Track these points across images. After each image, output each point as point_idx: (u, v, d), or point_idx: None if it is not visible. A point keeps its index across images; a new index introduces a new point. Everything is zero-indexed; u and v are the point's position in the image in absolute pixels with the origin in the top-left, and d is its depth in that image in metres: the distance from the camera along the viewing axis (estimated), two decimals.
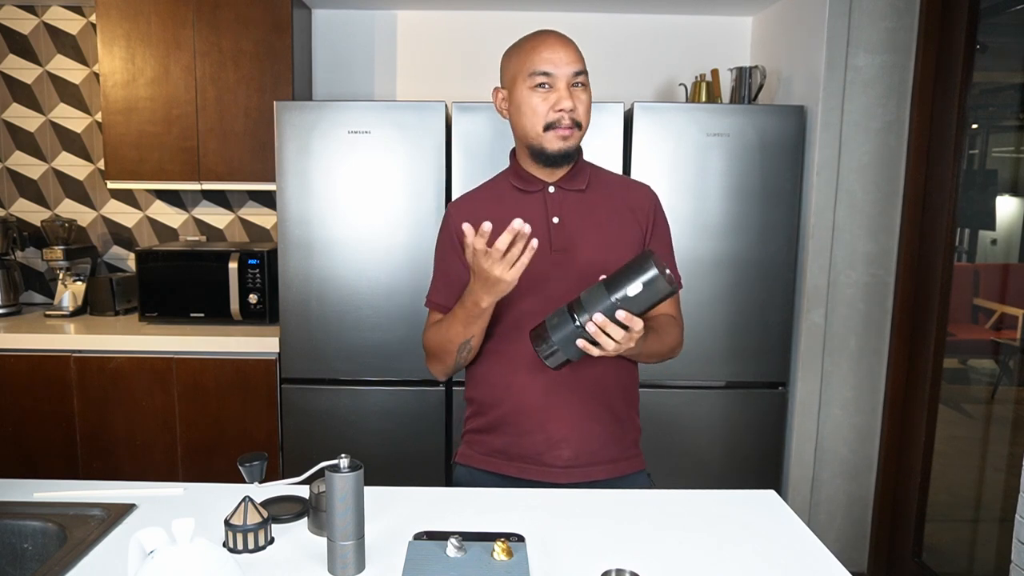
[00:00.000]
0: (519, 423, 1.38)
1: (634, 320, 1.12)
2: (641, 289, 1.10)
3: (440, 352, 1.40)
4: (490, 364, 1.41)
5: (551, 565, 1.06)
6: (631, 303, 1.11)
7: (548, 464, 1.38)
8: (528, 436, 1.38)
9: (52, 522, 1.17)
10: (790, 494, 2.62)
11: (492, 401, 1.42)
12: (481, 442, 1.45)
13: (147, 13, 2.67)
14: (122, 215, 3.14)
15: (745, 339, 2.52)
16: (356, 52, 3.06)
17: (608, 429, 1.40)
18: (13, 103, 3.08)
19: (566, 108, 1.31)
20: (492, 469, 1.43)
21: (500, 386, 1.40)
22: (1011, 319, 2.40)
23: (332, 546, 1.02)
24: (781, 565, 1.09)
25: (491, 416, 1.42)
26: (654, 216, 1.43)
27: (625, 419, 1.43)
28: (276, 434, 2.58)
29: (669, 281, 1.10)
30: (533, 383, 1.36)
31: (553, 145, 1.34)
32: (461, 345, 1.35)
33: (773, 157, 2.45)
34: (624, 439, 1.43)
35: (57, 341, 2.57)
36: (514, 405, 1.38)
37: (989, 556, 2.37)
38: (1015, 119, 2.45)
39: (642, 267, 1.10)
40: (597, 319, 1.12)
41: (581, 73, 1.33)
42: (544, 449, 1.37)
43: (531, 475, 1.39)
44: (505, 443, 1.41)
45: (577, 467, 1.38)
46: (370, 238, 2.48)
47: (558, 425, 1.36)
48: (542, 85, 1.33)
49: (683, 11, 3.00)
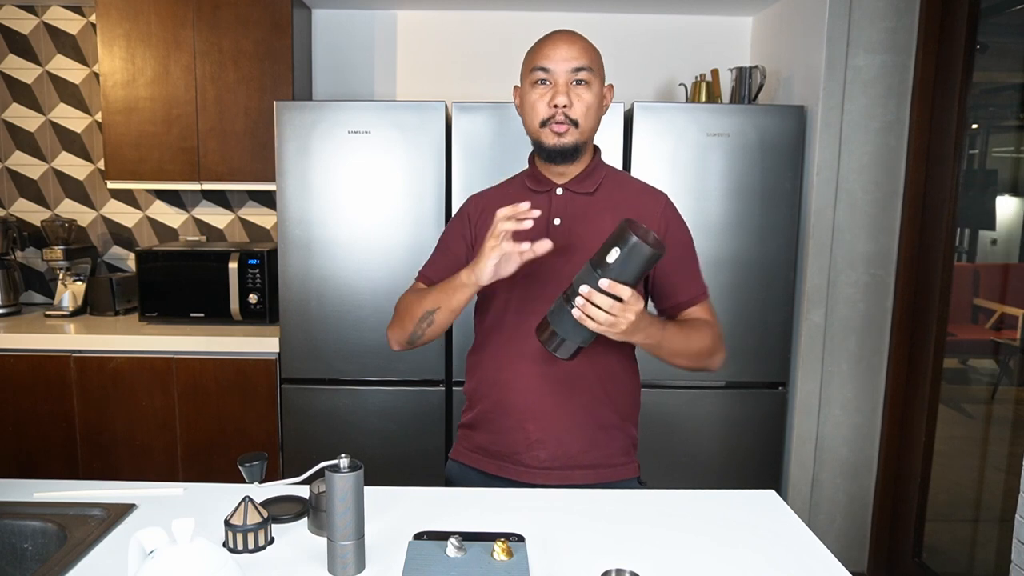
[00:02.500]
0: (500, 420, 1.39)
1: (619, 287, 1.10)
2: (619, 254, 1.09)
3: (403, 315, 1.41)
4: (482, 356, 1.43)
5: (551, 565, 1.06)
6: (615, 271, 1.10)
7: (525, 464, 1.38)
8: (507, 434, 1.38)
9: (52, 522, 1.17)
10: (790, 494, 2.62)
11: (478, 396, 1.43)
12: (467, 437, 1.47)
13: (147, 13, 2.67)
14: (122, 215, 3.14)
15: (745, 339, 2.52)
16: (356, 52, 3.06)
17: (588, 435, 1.38)
18: (13, 103, 3.08)
19: (559, 104, 1.31)
20: (474, 465, 1.44)
21: (487, 381, 1.41)
22: (1011, 319, 2.40)
23: (332, 546, 1.02)
24: (781, 565, 1.08)
25: (477, 411, 1.44)
26: (666, 224, 1.40)
27: (612, 427, 1.41)
28: (276, 434, 2.58)
29: (652, 244, 1.08)
30: (518, 381, 1.37)
31: (548, 140, 1.34)
32: (425, 313, 1.35)
33: (773, 157, 2.45)
34: (609, 446, 1.41)
35: (57, 341, 2.57)
36: (497, 401, 1.39)
37: (989, 556, 2.37)
38: (1015, 119, 2.45)
39: (619, 235, 1.10)
40: (583, 291, 1.11)
41: (582, 70, 1.32)
42: (522, 449, 1.37)
43: (509, 474, 1.39)
44: (487, 440, 1.42)
45: (554, 469, 1.37)
46: (370, 238, 2.48)
47: (536, 426, 1.36)
48: (542, 81, 1.34)
49: (683, 11, 3.00)
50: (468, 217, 1.46)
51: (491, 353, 1.41)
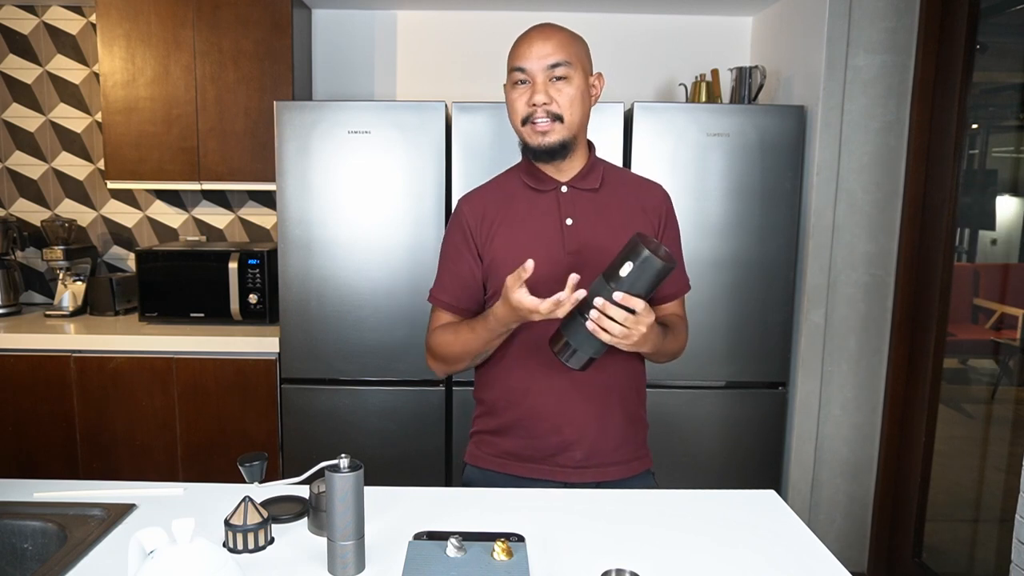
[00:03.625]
0: (533, 427, 1.38)
1: (632, 300, 1.12)
2: (632, 268, 1.11)
3: (453, 360, 1.39)
4: (505, 367, 1.40)
5: (551, 565, 1.06)
6: (628, 284, 1.12)
7: (561, 465, 1.38)
8: (542, 439, 1.38)
9: (52, 522, 1.17)
10: (790, 494, 2.62)
11: (505, 404, 1.41)
12: (491, 443, 1.44)
13: (147, 13, 2.67)
14: (122, 215, 3.14)
15: (745, 339, 2.52)
16: (356, 52, 3.06)
17: (622, 430, 1.40)
18: (13, 103, 3.08)
19: (538, 102, 1.30)
20: (502, 470, 1.42)
21: (518, 390, 1.39)
22: (1011, 319, 2.40)
23: (332, 546, 1.02)
24: (781, 565, 1.08)
25: (504, 418, 1.41)
26: (666, 217, 1.43)
27: (637, 418, 1.44)
28: (276, 434, 2.58)
29: (663, 257, 1.11)
30: (549, 388, 1.36)
31: (532, 140, 1.34)
32: (478, 355, 1.36)
33: (773, 157, 2.45)
34: (636, 438, 1.44)
35: (57, 341, 2.57)
36: (529, 409, 1.38)
37: (989, 556, 2.37)
38: (1015, 119, 2.45)
39: (632, 249, 1.12)
40: (597, 303, 1.13)
41: (558, 65, 1.30)
42: (557, 451, 1.38)
43: (543, 475, 1.39)
44: (517, 445, 1.40)
45: (589, 467, 1.38)
46: (370, 238, 2.48)
47: (572, 428, 1.36)
48: (521, 81, 1.33)
49: (683, 11, 3.00)
50: (468, 228, 1.40)
51: (517, 361, 1.38)
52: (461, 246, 1.41)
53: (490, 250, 1.38)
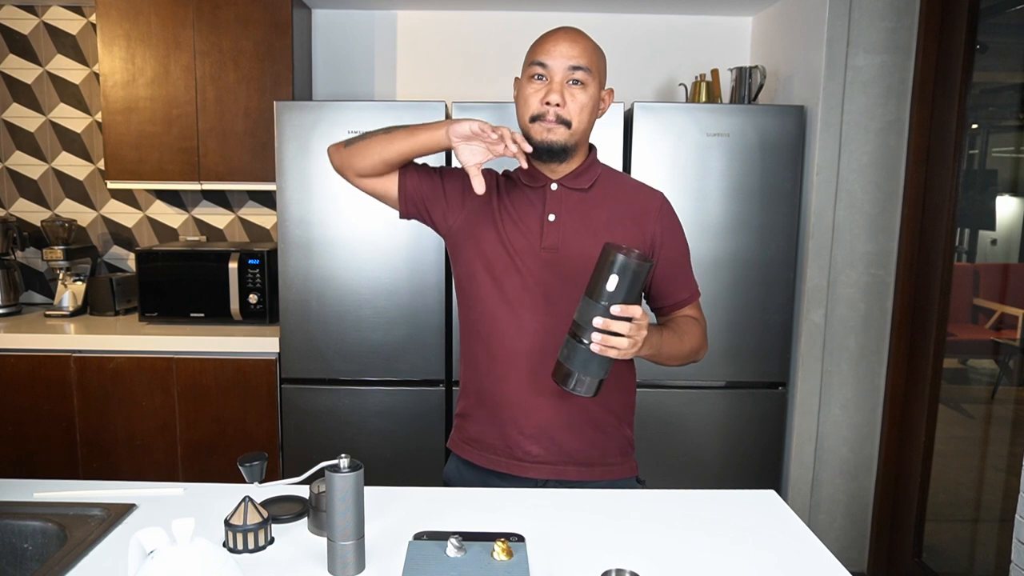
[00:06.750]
0: (494, 413, 1.39)
1: (629, 308, 1.11)
2: (617, 279, 1.10)
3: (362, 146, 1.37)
4: (477, 349, 1.42)
5: (551, 565, 1.06)
6: (619, 295, 1.11)
7: (518, 458, 1.38)
8: (499, 427, 1.38)
9: (52, 522, 1.17)
10: (790, 494, 2.62)
11: (473, 385, 1.43)
12: (461, 427, 1.47)
13: (147, 13, 2.67)
14: (122, 215, 3.14)
15: (745, 339, 2.52)
16: (356, 52, 3.06)
17: (582, 433, 1.38)
18: (13, 103, 3.08)
19: (552, 102, 1.30)
20: (467, 457, 1.44)
21: (482, 371, 1.41)
22: (1011, 319, 2.40)
23: (332, 546, 1.02)
24: (781, 565, 1.08)
25: (472, 399, 1.44)
26: (661, 224, 1.40)
27: (608, 427, 1.41)
28: (276, 434, 2.58)
29: (638, 257, 1.10)
30: (512, 374, 1.36)
31: (537, 136, 1.33)
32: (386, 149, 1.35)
33: (773, 157, 2.45)
34: (605, 446, 1.41)
35: (57, 341, 2.57)
36: (491, 391, 1.39)
37: (989, 556, 2.37)
38: (1015, 119, 2.45)
39: (608, 261, 1.11)
40: (598, 323, 1.12)
41: (579, 69, 1.31)
42: (513, 443, 1.38)
43: (500, 467, 1.39)
44: (479, 431, 1.42)
45: (547, 463, 1.37)
46: (370, 238, 2.48)
47: (529, 421, 1.36)
48: (539, 76, 1.33)
49: (683, 11, 3.00)
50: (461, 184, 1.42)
51: (486, 347, 1.39)
52: (449, 174, 1.44)
53: (468, 220, 1.39)
